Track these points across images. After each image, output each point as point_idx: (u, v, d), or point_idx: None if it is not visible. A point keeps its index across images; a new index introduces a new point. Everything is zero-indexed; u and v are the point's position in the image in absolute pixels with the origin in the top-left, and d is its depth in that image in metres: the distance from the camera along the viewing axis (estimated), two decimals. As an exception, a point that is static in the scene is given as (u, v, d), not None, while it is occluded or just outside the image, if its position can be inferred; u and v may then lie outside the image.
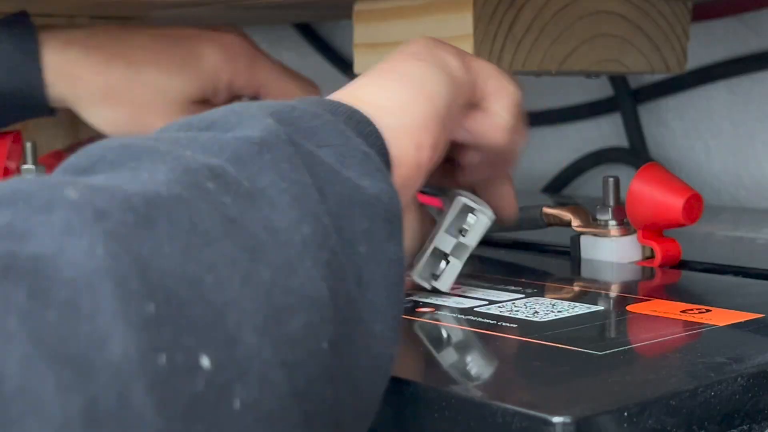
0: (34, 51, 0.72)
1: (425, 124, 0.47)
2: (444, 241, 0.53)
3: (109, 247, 0.31)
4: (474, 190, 0.57)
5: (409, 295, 0.54)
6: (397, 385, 0.40)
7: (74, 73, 0.73)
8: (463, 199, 0.53)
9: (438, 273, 0.54)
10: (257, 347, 0.33)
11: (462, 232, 0.54)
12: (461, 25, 0.64)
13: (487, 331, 0.47)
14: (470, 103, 0.51)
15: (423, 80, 0.49)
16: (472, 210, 0.53)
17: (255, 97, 0.76)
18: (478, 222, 0.53)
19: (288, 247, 0.36)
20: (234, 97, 0.76)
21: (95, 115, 0.75)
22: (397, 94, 0.48)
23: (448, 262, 0.54)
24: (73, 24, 0.83)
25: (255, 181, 0.38)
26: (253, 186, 0.38)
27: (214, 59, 0.74)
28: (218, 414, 0.32)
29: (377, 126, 0.45)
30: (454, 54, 0.51)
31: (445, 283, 0.54)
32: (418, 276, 0.54)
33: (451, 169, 0.56)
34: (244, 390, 0.32)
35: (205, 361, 0.31)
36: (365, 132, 0.45)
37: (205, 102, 0.75)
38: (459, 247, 0.54)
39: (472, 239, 0.53)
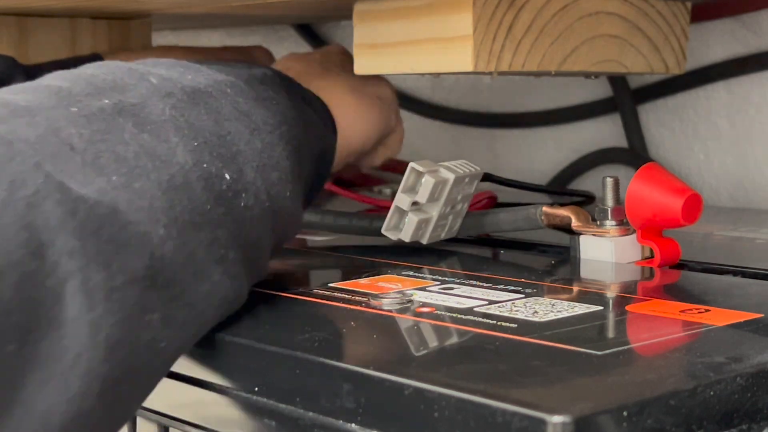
0: None
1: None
2: (401, 200, 0.63)
3: None
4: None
5: (409, 295, 0.54)
6: (397, 384, 0.40)
7: None
8: (413, 164, 0.63)
9: (401, 227, 0.64)
10: None
11: (416, 192, 0.63)
12: (461, 25, 0.64)
13: (486, 331, 0.47)
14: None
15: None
16: (421, 173, 0.62)
17: None
18: (426, 181, 0.62)
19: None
20: None
21: None
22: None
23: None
24: (74, 24, 0.84)
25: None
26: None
27: (261, 54, 0.95)
28: None
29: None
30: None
31: (405, 235, 0.64)
32: (385, 230, 0.65)
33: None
34: None
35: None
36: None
37: None
38: (415, 204, 0.63)
39: (422, 196, 0.63)
